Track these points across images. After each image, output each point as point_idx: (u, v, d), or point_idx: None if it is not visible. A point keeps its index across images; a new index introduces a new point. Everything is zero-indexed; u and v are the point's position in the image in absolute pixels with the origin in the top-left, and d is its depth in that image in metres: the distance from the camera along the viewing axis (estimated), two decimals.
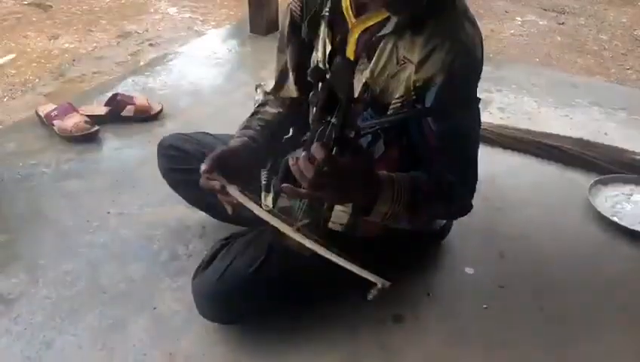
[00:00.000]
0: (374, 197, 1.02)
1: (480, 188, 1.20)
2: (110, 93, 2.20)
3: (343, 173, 0.92)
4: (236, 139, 1.28)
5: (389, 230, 1.17)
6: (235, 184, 1.13)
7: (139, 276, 1.45)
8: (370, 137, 1.15)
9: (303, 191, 0.93)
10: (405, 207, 1.05)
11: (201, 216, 1.56)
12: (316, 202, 1.05)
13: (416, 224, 1.18)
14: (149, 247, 1.54)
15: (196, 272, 1.26)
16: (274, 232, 1.06)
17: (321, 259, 0.99)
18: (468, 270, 1.49)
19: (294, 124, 1.28)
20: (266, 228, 1.11)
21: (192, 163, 1.27)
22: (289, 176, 0.95)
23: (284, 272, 1.21)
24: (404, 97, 1.11)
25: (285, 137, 1.25)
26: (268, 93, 1.41)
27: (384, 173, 1.04)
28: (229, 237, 1.30)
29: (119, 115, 2.08)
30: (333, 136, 0.90)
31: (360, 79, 1.15)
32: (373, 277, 0.96)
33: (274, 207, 1.16)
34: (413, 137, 1.13)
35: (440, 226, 1.46)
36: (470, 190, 1.18)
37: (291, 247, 1.04)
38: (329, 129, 0.91)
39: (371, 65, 1.13)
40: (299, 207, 1.08)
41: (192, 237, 1.57)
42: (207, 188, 1.17)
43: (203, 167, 1.15)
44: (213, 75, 2.56)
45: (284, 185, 0.94)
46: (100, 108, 2.11)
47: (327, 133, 0.92)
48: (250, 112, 1.38)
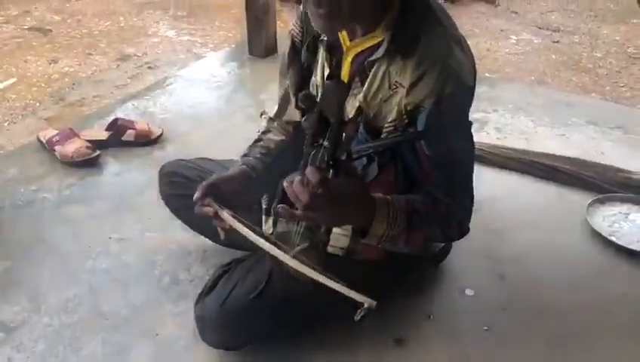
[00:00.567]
0: (370, 219, 1.02)
1: (478, 209, 1.21)
2: (110, 117, 2.23)
3: (336, 195, 0.93)
4: (234, 167, 1.30)
5: (388, 253, 1.17)
6: (230, 210, 1.14)
7: (141, 301, 1.45)
8: (365, 160, 1.15)
9: (298, 213, 0.94)
10: (402, 229, 1.06)
11: (202, 241, 1.57)
12: (312, 224, 1.06)
13: (414, 247, 1.18)
14: (150, 272, 1.55)
15: (198, 298, 1.26)
16: (271, 257, 1.06)
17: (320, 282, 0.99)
18: (468, 292, 1.49)
19: (297, 149, 1.29)
20: (266, 253, 1.12)
21: (193, 189, 1.27)
22: (286, 200, 0.96)
23: (285, 297, 1.21)
24: (396, 120, 1.12)
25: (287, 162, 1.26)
26: (271, 119, 1.43)
27: (379, 196, 1.05)
28: (229, 263, 1.31)
29: (120, 140, 2.10)
30: (325, 159, 0.92)
31: (354, 103, 1.16)
32: (359, 297, 0.96)
33: (274, 231, 1.17)
34: (407, 160, 1.15)
35: (439, 248, 1.47)
36: (466, 212, 1.19)
37: (290, 272, 1.04)
38: (321, 152, 0.93)
39: (364, 89, 1.15)
40: (296, 231, 1.09)
41: (193, 262, 1.58)
42: (200, 215, 1.19)
43: (196, 194, 1.18)
44: (212, 98, 2.57)
45: (279, 206, 0.95)
46: (101, 133, 2.13)
47: (319, 156, 0.93)
48: (253, 139, 1.40)
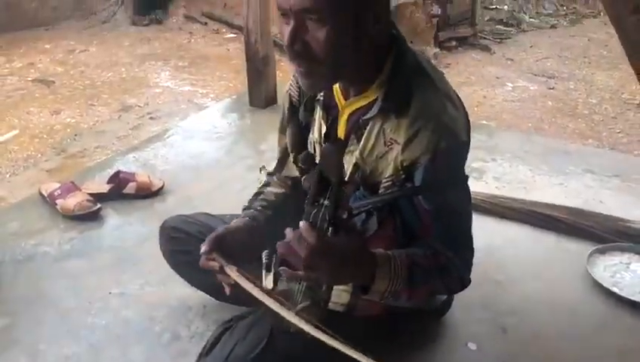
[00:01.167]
0: (371, 275, 1.03)
1: (478, 260, 1.21)
2: (111, 170, 2.25)
3: (336, 253, 0.93)
4: (237, 219, 1.31)
5: (389, 308, 1.17)
6: (235, 264, 1.15)
7: (141, 359, 1.44)
8: (364, 215, 1.16)
9: (299, 274, 0.95)
10: (404, 284, 1.06)
11: (202, 296, 1.56)
12: (313, 283, 1.06)
13: (416, 300, 1.18)
14: (150, 329, 1.54)
15: (198, 358, 1.25)
16: (273, 313, 1.05)
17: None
18: (471, 345, 1.48)
19: (297, 203, 1.31)
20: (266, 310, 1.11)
21: (194, 244, 1.28)
22: (284, 258, 0.97)
23: (286, 356, 1.20)
24: (393, 176, 1.14)
25: (287, 214, 1.27)
26: (271, 174, 1.45)
27: (380, 251, 1.06)
28: (230, 320, 1.29)
29: (121, 193, 2.11)
30: (326, 218, 0.93)
31: (350, 160, 1.18)
32: (361, 357, 0.95)
33: (275, 287, 1.17)
34: (405, 214, 1.16)
35: (441, 302, 1.47)
36: (467, 264, 1.20)
37: (291, 328, 1.03)
38: (322, 211, 0.94)
39: (360, 146, 1.17)
40: (298, 289, 1.09)
41: (193, 318, 1.57)
42: (206, 268, 1.20)
43: (203, 248, 1.18)
44: (213, 149, 2.60)
45: (281, 268, 0.96)
46: (102, 186, 2.14)
47: (320, 216, 0.95)
48: (254, 193, 1.41)
